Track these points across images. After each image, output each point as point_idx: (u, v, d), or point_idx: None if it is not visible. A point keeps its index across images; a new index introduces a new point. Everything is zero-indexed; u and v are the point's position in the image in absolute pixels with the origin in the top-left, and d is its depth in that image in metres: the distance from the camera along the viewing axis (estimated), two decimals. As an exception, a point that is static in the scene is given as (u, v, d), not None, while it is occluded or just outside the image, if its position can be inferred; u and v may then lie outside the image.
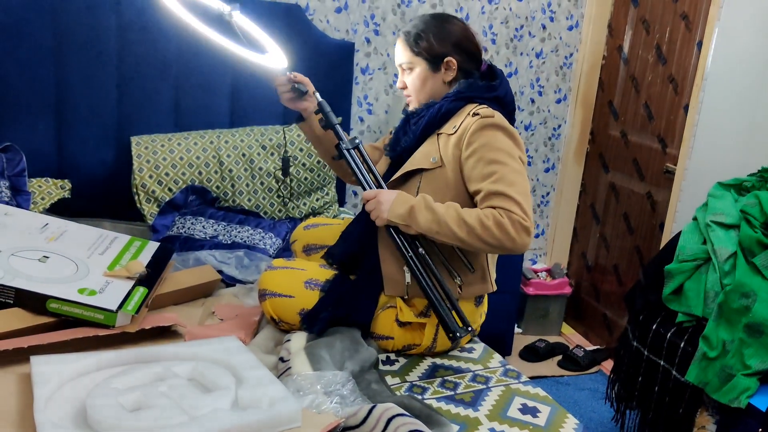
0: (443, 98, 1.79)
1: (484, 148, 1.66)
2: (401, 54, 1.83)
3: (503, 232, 1.58)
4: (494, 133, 1.67)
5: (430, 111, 1.78)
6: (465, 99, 1.76)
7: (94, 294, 1.63)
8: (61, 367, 1.38)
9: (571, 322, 3.75)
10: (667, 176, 3.03)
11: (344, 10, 2.99)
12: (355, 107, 3.13)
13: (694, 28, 2.90)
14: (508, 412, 1.58)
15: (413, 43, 1.79)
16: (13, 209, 1.97)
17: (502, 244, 1.60)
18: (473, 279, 1.78)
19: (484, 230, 1.59)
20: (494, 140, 1.67)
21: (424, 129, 1.78)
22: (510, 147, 1.67)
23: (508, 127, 1.69)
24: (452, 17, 1.84)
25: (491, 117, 1.68)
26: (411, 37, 1.80)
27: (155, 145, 2.51)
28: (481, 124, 1.68)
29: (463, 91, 1.77)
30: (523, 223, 1.59)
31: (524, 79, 3.47)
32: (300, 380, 1.45)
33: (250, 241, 2.36)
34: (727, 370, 1.93)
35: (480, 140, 1.67)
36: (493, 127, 1.68)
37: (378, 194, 1.72)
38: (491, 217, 1.60)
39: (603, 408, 2.83)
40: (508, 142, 1.68)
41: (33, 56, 2.39)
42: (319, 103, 1.87)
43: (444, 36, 1.78)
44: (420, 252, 1.71)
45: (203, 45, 2.60)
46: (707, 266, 2.09)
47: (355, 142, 1.82)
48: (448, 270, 1.75)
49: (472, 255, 1.76)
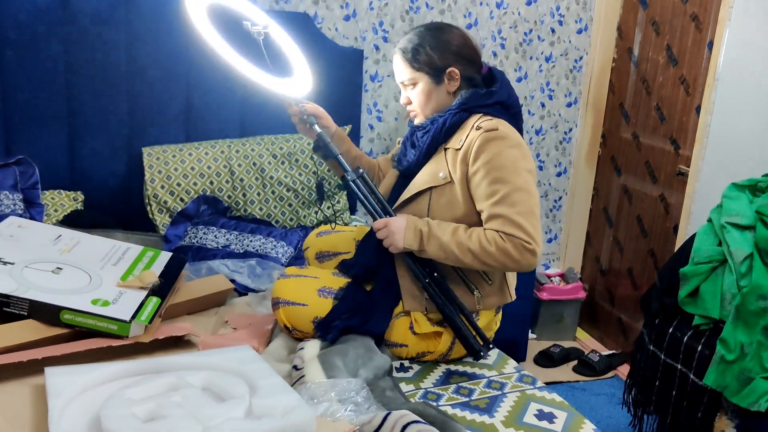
0: (447, 111, 1.76)
1: (487, 165, 1.65)
2: (402, 71, 1.79)
3: (506, 256, 1.60)
4: (498, 147, 1.65)
5: (434, 126, 1.76)
6: (468, 110, 1.73)
7: (108, 305, 1.63)
8: (75, 378, 1.38)
9: (585, 327, 3.72)
10: (680, 178, 3.00)
11: (353, 17, 2.99)
12: (365, 115, 3.13)
13: (704, 28, 2.88)
14: (524, 418, 1.56)
15: (412, 58, 1.75)
16: (27, 221, 1.98)
17: (506, 266, 1.63)
18: (491, 291, 1.78)
19: (486, 255, 1.61)
20: (498, 155, 1.64)
21: (430, 145, 1.76)
22: (514, 160, 1.65)
23: (512, 137, 1.66)
24: (446, 25, 1.80)
25: (494, 130, 1.65)
26: (408, 52, 1.75)
27: (166, 156, 2.52)
28: (484, 139, 1.65)
29: (465, 102, 1.74)
30: (527, 246, 1.60)
31: (534, 84, 3.46)
32: (314, 388, 1.44)
33: (262, 250, 2.36)
34: (746, 373, 1.90)
35: (484, 156, 1.65)
36: (496, 141, 1.65)
37: (388, 224, 1.73)
38: (493, 242, 1.61)
39: (620, 413, 2.80)
40: (513, 154, 1.65)
41: (44, 70, 2.41)
42: (318, 135, 1.87)
43: (442, 47, 1.74)
44: (436, 276, 1.72)
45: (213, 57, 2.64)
46: (723, 268, 2.06)
47: (359, 172, 1.81)
48: (466, 283, 1.75)
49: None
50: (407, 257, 1.73)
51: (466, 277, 1.75)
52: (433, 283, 1.72)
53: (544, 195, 3.68)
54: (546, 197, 3.69)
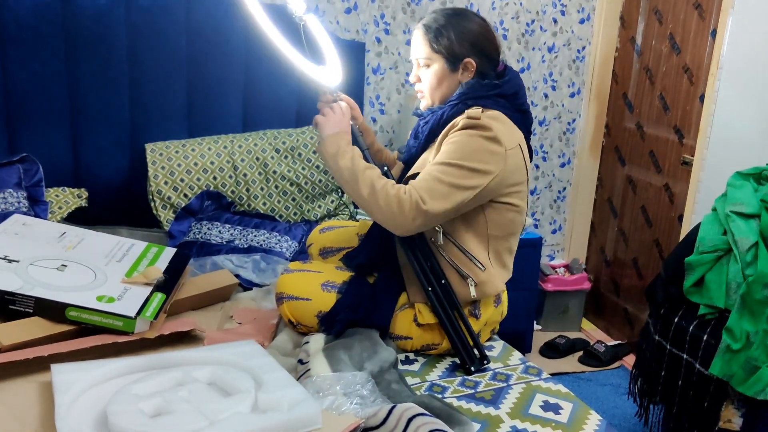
0: (447, 102, 1.76)
1: (451, 145, 1.65)
2: (420, 48, 1.77)
3: (397, 202, 1.60)
4: (470, 135, 1.64)
5: (434, 116, 1.76)
6: (466, 101, 1.71)
7: (113, 301, 1.63)
8: (82, 374, 1.39)
9: (591, 318, 3.72)
10: (684, 167, 2.99)
11: (354, 10, 2.98)
12: (368, 107, 3.13)
13: (707, 16, 2.86)
14: (530, 409, 1.56)
15: (433, 38, 1.73)
16: (31, 219, 1.99)
17: (389, 210, 1.62)
18: (486, 277, 1.76)
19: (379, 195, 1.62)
20: (465, 141, 1.63)
21: (428, 135, 1.77)
22: (474, 151, 1.62)
23: (489, 131, 1.63)
24: (473, 14, 1.78)
25: (476, 119, 1.64)
26: (431, 31, 1.73)
27: (169, 152, 2.52)
28: (463, 125, 1.65)
29: (465, 93, 1.73)
30: (421, 206, 1.59)
31: (537, 74, 3.45)
32: (319, 382, 1.45)
33: (266, 244, 2.36)
34: (752, 362, 1.90)
35: (454, 137, 1.66)
36: (472, 128, 1.64)
37: (329, 114, 1.74)
38: (397, 189, 1.61)
39: (626, 403, 2.80)
40: (480, 144, 1.62)
41: (46, 67, 2.41)
42: (350, 127, 1.82)
43: (465, 36, 1.72)
44: (443, 283, 1.72)
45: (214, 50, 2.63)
46: (728, 257, 2.06)
47: (384, 169, 1.80)
48: (459, 272, 1.74)
49: (480, 253, 1.75)
50: (412, 259, 1.73)
51: (459, 267, 1.74)
52: (440, 288, 1.72)
53: (549, 186, 3.67)
54: (550, 188, 3.68)
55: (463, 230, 1.73)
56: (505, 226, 1.76)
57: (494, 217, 1.73)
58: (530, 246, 3.07)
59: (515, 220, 1.77)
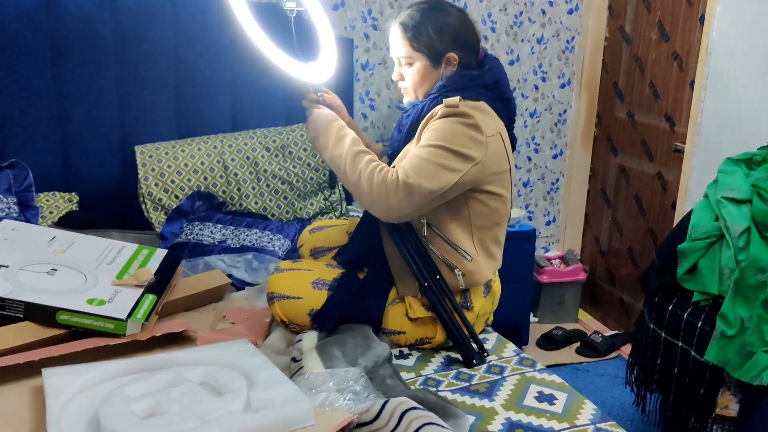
0: (428, 95, 1.75)
1: (432, 131, 1.64)
2: (399, 48, 1.76)
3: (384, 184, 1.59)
4: (450, 121, 1.63)
5: (414, 110, 1.75)
6: (446, 95, 1.69)
7: (104, 304, 1.62)
8: (73, 378, 1.38)
9: (587, 309, 3.72)
10: (676, 155, 2.99)
11: (341, 7, 2.97)
12: (357, 104, 3.12)
13: (695, 3, 2.86)
14: (525, 400, 1.56)
15: (412, 37, 1.71)
16: (21, 224, 1.98)
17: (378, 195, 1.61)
18: (473, 267, 1.75)
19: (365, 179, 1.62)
20: (446, 127, 1.63)
21: (410, 128, 1.76)
22: (456, 136, 1.62)
23: (470, 119, 1.63)
24: (449, 6, 1.76)
25: (454, 107, 1.63)
26: (410, 30, 1.72)
27: (159, 153, 2.51)
28: (442, 113, 1.65)
29: (446, 85, 1.71)
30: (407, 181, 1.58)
31: (527, 66, 3.44)
32: (312, 378, 1.44)
33: (258, 243, 2.36)
34: (747, 347, 1.90)
35: (434, 124, 1.65)
36: (452, 116, 1.63)
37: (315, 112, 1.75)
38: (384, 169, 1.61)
39: (624, 393, 2.80)
40: (459, 130, 1.62)
41: (33, 72, 2.39)
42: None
43: (444, 31, 1.71)
44: (437, 278, 1.71)
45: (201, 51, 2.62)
46: (721, 243, 2.06)
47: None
48: (446, 264, 1.73)
49: (465, 243, 1.74)
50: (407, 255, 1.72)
51: (445, 257, 1.73)
52: (434, 284, 1.71)
53: (541, 177, 3.67)
54: (543, 180, 3.68)
55: (448, 221, 1.72)
56: (488, 216, 1.75)
57: (477, 207, 1.72)
58: (524, 238, 3.07)
59: (499, 209, 1.76)
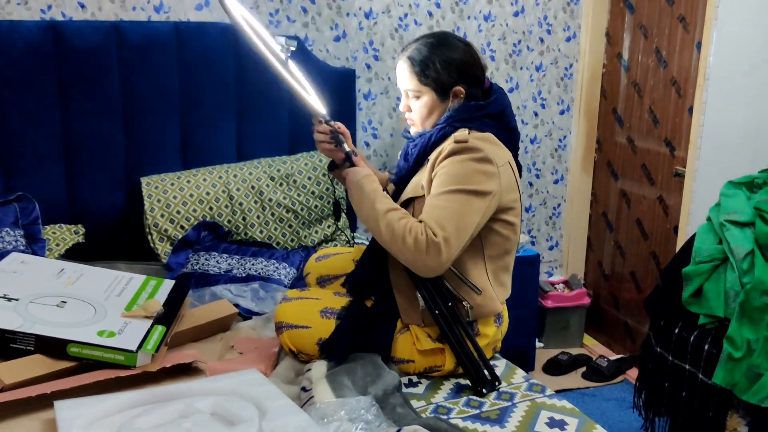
0: (435, 125, 1.76)
1: (445, 174, 1.65)
2: (407, 81, 1.77)
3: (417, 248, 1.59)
4: (461, 157, 1.65)
5: (422, 139, 1.77)
6: (454, 124, 1.72)
7: (114, 335, 1.63)
8: (85, 410, 1.38)
9: (592, 333, 3.71)
10: (677, 179, 3.01)
11: (343, 38, 3.02)
12: (360, 132, 3.15)
13: (692, 29, 2.90)
14: (536, 426, 1.56)
15: (420, 72, 1.74)
16: (29, 257, 1.99)
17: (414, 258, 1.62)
18: (481, 301, 1.75)
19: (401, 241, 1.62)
20: (458, 164, 1.64)
21: (417, 158, 1.78)
22: (470, 175, 1.63)
23: (479, 152, 1.64)
24: (455, 39, 1.79)
25: (464, 142, 1.65)
26: (417, 64, 1.74)
27: (165, 184, 2.53)
28: (452, 150, 1.66)
29: (452, 116, 1.74)
30: (434, 239, 1.58)
31: (526, 93, 3.48)
32: (323, 408, 1.44)
33: (264, 272, 2.37)
34: (755, 369, 1.90)
35: (446, 165, 1.66)
36: (462, 152, 1.65)
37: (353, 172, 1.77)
38: (413, 232, 1.60)
39: (631, 417, 2.78)
40: (472, 167, 1.64)
41: (39, 106, 2.43)
42: (347, 154, 1.83)
43: (451, 65, 1.73)
44: (450, 305, 1.71)
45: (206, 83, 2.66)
46: (725, 266, 2.07)
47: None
48: (456, 296, 1.73)
49: (477, 274, 1.75)
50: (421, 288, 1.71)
51: (456, 290, 1.72)
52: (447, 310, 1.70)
53: (543, 203, 3.69)
54: (545, 205, 3.70)
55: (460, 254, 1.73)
56: (500, 245, 1.76)
57: (490, 237, 1.74)
58: (528, 263, 3.08)
59: (511, 238, 1.77)
